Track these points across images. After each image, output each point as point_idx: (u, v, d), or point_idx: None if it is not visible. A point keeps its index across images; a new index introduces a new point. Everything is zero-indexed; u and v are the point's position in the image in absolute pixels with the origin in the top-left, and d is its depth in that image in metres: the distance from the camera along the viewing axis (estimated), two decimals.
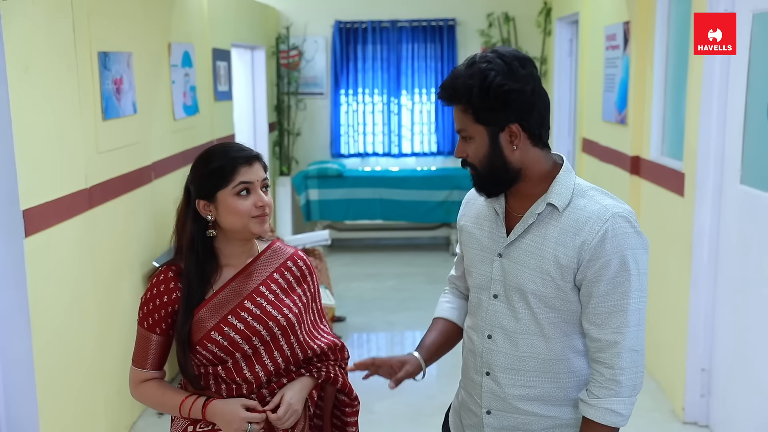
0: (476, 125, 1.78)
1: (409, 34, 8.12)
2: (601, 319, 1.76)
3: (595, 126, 5.66)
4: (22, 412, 2.91)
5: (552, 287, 1.79)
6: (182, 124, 4.89)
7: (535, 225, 1.81)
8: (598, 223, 1.74)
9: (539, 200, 1.81)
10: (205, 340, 1.90)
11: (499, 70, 1.74)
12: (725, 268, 3.70)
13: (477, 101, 1.74)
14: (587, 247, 1.74)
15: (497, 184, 1.84)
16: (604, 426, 1.78)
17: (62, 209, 3.13)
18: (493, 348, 1.87)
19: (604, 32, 5.37)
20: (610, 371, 1.76)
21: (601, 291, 1.75)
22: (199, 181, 1.94)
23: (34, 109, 2.92)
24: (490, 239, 1.89)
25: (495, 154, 1.79)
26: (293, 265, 2.05)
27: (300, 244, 5.41)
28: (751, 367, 3.45)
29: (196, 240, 1.93)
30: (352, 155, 8.36)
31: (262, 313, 1.94)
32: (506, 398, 1.86)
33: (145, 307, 1.96)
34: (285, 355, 1.97)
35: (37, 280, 2.91)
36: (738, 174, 3.55)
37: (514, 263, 1.83)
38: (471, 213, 1.98)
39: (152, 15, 4.39)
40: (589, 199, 1.79)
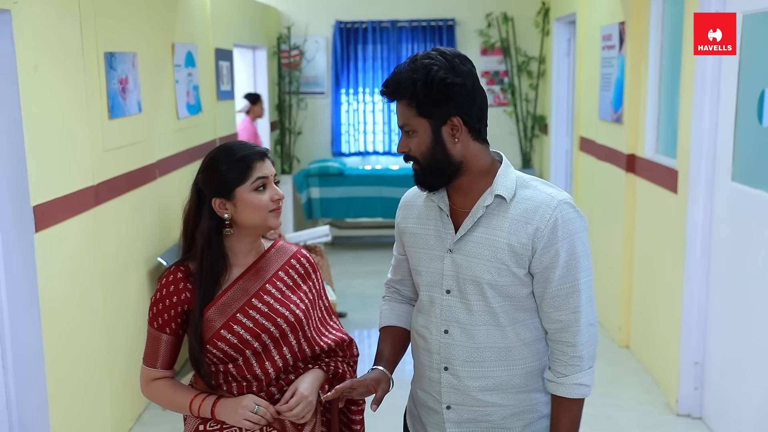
0: (419, 119, 1.83)
1: (408, 34, 8.20)
2: (559, 302, 1.85)
3: (591, 125, 5.74)
4: (33, 404, 2.99)
5: (507, 275, 1.84)
6: (185, 123, 4.98)
7: (483, 217, 1.86)
8: (547, 210, 1.82)
9: (485, 193, 1.87)
10: (215, 339, 1.93)
11: (441, 65, 1.80)
12: (718, 263, 3.79)
13: (421, 94, 1.79)
14: (540, 234, 1.81)
15: (439, 177, 1.87)
16: (575, 400, 1.89)
17: (70, 205, 3.22)
18: (450, 342, 1.91)
19: (600, 32, 5.46)
20: (572, 348, 1.86)
21: (557, 275, 1.83)
22: (215, 180, 1.96)
23: (43, 108, 3.00)
24: (437, 237, 1.92)
25: (437, 147, 1.84)
26: (297, 262, 2.09)
27: (301, 241, 5.49)
28: (743, 360, 3.53)
29: (214, 238, 1.97)
30: (352, 154, 8.44)
31: (270, 311, 1.97)
32: (466, 390, 1.91)
33: (155, 307, 1.99)
34: (293, 351, 2.00)
35: (46, 274, 2.99)
36: (729, 171, 3.63)
37: (466, 257, 1.87)
38: (412, 215, 2.00)
39: (156, 16, 4.47)
40: (534, 189, 1.87)
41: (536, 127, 8.05)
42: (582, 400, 1.91)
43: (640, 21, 4.65)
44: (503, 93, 8.16)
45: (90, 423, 3.44)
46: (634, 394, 4.32)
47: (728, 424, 3.69)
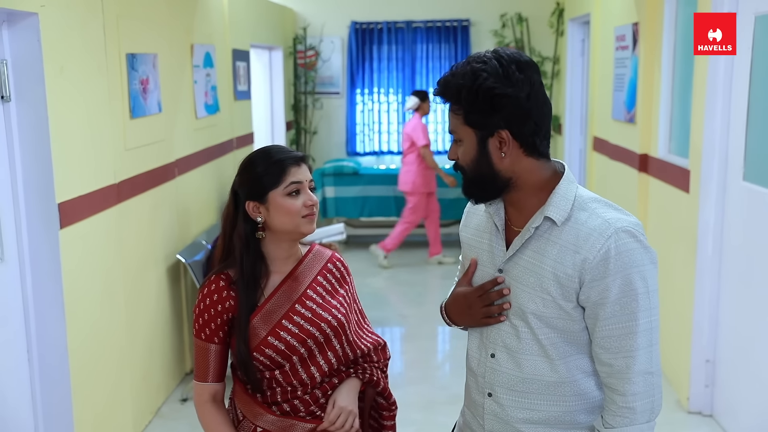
0: (465, 127, 1.70)
1: (423, 35, 8.26)
2: (610, 343, 1.65)
3: (605, 125, 5.78)
4: (57, 396, 3.08)
5: (553, 307, 1.68)
6: (204, 123, 5.07)
7: (533, 240, 1.71)
8: (600, 239, 1.62)
9: (537, 213, 1.71)
10: (262, 346, 1.92)
11: (492, 72, 1.64)
12: (729, 263, 3.82)
13: (466, 103, 1.66)
14: (588, 266, 1.62)
15: (485, 190, 1.74)
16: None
17: (93, 203, 3.30)
18: (496, 368, 1.78)
19: (614, 33, 5.49)
20: (623, 398, 1.65)
21: (608, 313, 1.63)
22: (250, 182, 1.96)
23: (68, 108, 3.09)
24: (489, 253, 1.80)
25: (483, 159, 1.70)
26: (333, 266, 2.08)
27: (316, 239, 5.56)
28: (753, 358, 3.56)
29: (251, 242, 1.97)
30: (367, 153, 8.51)
31: (314, 316, 1.97)
32: (510, 421, 1.77)
33: (201, 319, 1.97)
34: (338, 355, 2.00)
35: (70, 269, 3.08)
36: (741, 171, 3.67)
37: (513, 280, 1.74)
38: (471, 224, 1.89)
39: (176, 17, 4.56)
40: (591, 213, 1.67)
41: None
42: None
43: (654, 22, 4.68)
44: None
45: (111, 416, 3.52)
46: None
47: (739, 422, 3.73)
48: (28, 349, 3.01)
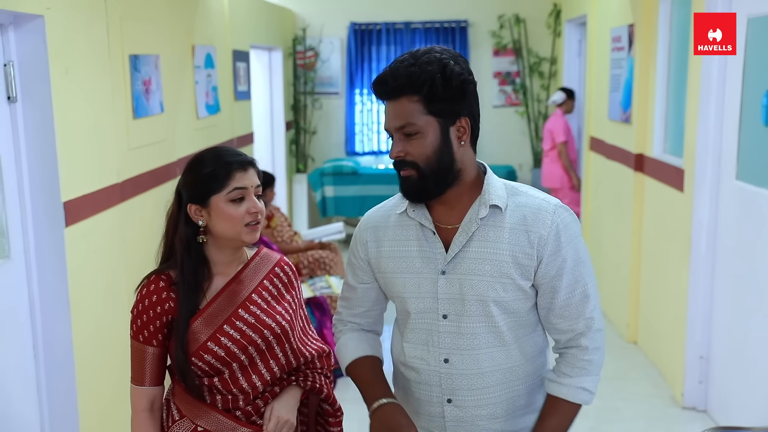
0: (428, 117, 1.66)
1: (422, 35, 8.32)
2: (569, 311, 1.73)
3: (601, 125, 5.85)
4: (62, 390, 3.13)
5: (512, 290, 1.72)
6: (205, 123, 5.12)
7: (477, 231, 1.72)
8: (548, 216, 1.71)
9: (475, 205, 1.73)
10: (201, 351, 1.85)
11: (454, 60, 1.67)
12: (722, 260, 3.89)
13: (440, 89, 1.64)
14: (544, 241, 1.70)
15: (440, 185, 1.71)
16: (575, 404, 1.76)
17: (97, 202, 3.36)
18: (453, 372, 1.75)
19: (610, 34, 5.56)
20: (583, 352, 1.75)
21: (565, 284, 1.72)
22: (192, 184, 1.90)
23: (73, 108, 3.14)
24: (423, 258, 1.76)
25: (445, 149, 1.69)
26: (281, 271, 2.00)
27: (316, 238, 5.63)
28: (746, 354, 3.63)
29: (191, 245, 1.89)
30: (366, 153, 8.57)
31: (257, 321, 1.90)
32: (473, 420, 1.78)
33: (139, 320, 1.91)
34: (280, 363, 1.93)
35: (75, 267, 3.13)
36: (734, 170, 3.73)
37: (464, 275, 1.72)
38: (385, 237, 1.82)
39: (177, 19, 4.62)
40: (526, 195, 1.76)
41: None
42: (578, 408, 1.78)
43: (649, 23, 4.75)
44: (515, 93, 8.26)
45: (115, 411, 3.58)
46: (641, 387, 4.43)
47: (732, 417, 3.79)
48: (34, 344, 3.07)
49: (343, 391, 2.18)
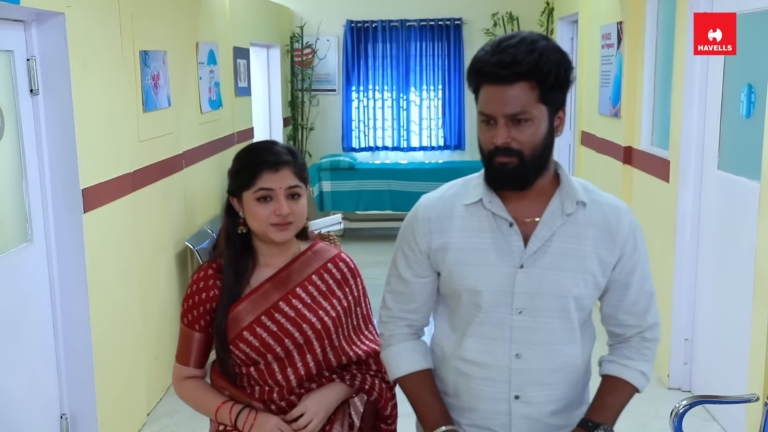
0: (539, 105, 1.62)
1: (417, 33, 8.50)
2: (639, 308, 1.76)
3: (592, 119, 6.04)
4: (80, 368, 3.31)
5: (592, 286, 1.72)
6: (208, 117, 5.29)
7: (561, 226, 1.69)
8: (624, 216, 1.72)
9: (555, 200, 1.70)
10: (237, 340, 1.87)
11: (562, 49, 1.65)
12: (706, 246, 4.08)
13: (560, 78, 1.61)
14: (625, 239, 1.71)
15: (536, 174, 1.68)
16: (632, 386, 1.77)
17: (112, 190, 3.53)
18: (525, 367, 1.72)
19: (600, 31, 5.75)
20: (646, 343, 1.78)
21: (636, 281, 1.74)
22: (230, 177, 1.94)
23: (90, 101, 3.31)
24: (498, 251, 1.70)
25: (549, 139, 1.66)
26: (334, 267, 1.98)
27: (315, 229, 5.79)
28: (728, 336, 3.80)
29: (231, 234, 1.93)
30: (363, 149, 8.75)
31: (297, 316, 1.90)
32: (540, 418, 1.75)
33: (186, 304, 1.95)
34: (317, 360, 1.92)
35: (93, 251, 3.31)
36: (716, 160, 3.92)
37: (545, 270, 1.69)
38: (453, 227, 1.75)
39: (183, 16, 4.79)
40: (599, 194, 1.76)
41: None
42: (634, 392, 1.78)
43: (637, 21, 4.93)
44: None
45: (130, 390, 3.75)
46: None
47: None
48: (54, 324, 3.24)
49: None
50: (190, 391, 1.98)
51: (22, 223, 3.07)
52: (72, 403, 3.32)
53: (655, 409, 4.12)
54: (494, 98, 1.61)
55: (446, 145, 8.66)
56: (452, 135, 8.61)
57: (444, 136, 8.66)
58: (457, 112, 8.56)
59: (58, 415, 3.30)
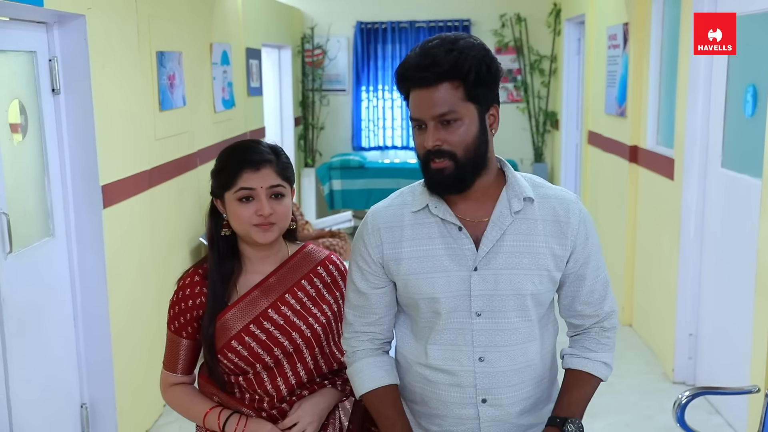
0: (467, 104, 1.61)
1: (426, 34, 8.58)
2: (593, 296, 1.76)
3: (598, 119, 6.11)
4: (99, 358, 3.41)
5: (547, 281, 1.71)
6: (221, 117, 5.40)
7: (510, 225, 1.68)
8: (574, 207, 1.72)
9: (503, 198, 1.69)
10: (225, 349, 1.81)
11: (487, 47, 1.65)
12: (709, 243, 4.15)
13: (483, 75, 1.60)
14: (575, 231, 1.71)
15: (474, 176, 1.66)
16: (596, 378, 1.78)
17: (130, 187, 3.64)
18: (489, 370, 1.70)
19: (606, 32, 5.82)
20: (605, 332, 1.79)
21: (591, 271, 1.74)
22: (212, 177, 1.88)
23: (110, 100, 3.42)
24: (450, 256, 1.68)
25: (482, 137, 1.64)
26: (324, 270, 1.91)
27: (326, 226, 5.90)
28: (732, 331, 3.88)
29: (215, 237, 1.86)
30: (372, 148, 8.85)
31: (286, 324, 1.83)
32: (509, 419, 1.74)
33: (172, 311, 1.89)
34: (308, 368, 1.86)
35: (111, 245, 3.41)
36: (719, 158, 4.00)
37: (500, 270, 1.67)
38: (403, 237, 1.71)
39: (198, 18, 4.90)
40: (546, 188, 1.75)
41: (548, 123, 8.42)
42: (599, 383, 1.79)
43: (642, 22, 5.01)
44: (516, 90, 8.53)
45: (147, 380, 3.85)
46: (634, 365, 4.69)
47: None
48: (74, 315, 3.35)
49: None
50: (177, 398, 1.93)
51: (44, 218, 3.18)
52: (92, 393, 3.42)
53: (660, 402, 4.20)
54: (421, 102, 1.61)
55: None
56: None
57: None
58: None
59: (78, 405, 3.40)
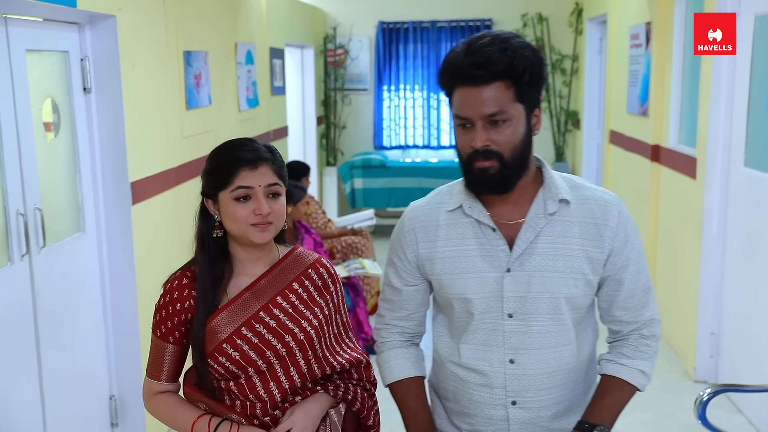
0: (516, 105, 1.59)
1: (447, 34, 8.62)
2: (632, 302, 1.72)
3: (620, 118, 6.12)
4: (127, 350, 3.49)
5: (583, 285, 1.68)
6: (245, 115, 5.47)
7: (546, 226, 1.67)
8: (613, 209, 1.68)
9: (539, 199, 1.68)
10: (216, 353, 1.75)
11: (535, 46, 1.64)
12: (732, 242, 4.16)
13: (535, 76, 1.59)
14: (613, 233, 1.66)
15: (517, 176, 1.64)
16: (631, 386, 1.73)
17: (158, 184, 3.71)
18: (519, 372, 1.69)
19: (628, 32, 5.83)
20: (644, 340, 1.74)
21: (630, 276, 1.70)
22: (204, 177, 1.82)
23: (139, 99, 3.49)
24: (484, 257, 1.68)
25: (528, 139, 1.63)
26: (315, 273, 1.86)
27: (348, 224, 5.95)
28: (754, 330, 3.88)
29: (206, 239, 1.81)
30: (393, 147, 8.89)
31: (279, 326, 1.78)
32: (539, 422, 1.73)
33: (158, 315, 1.83)
34: (301, 372, 1.81)
35: (140, 241, 3.48)
36: (742, 158, 4.00)
37: (533, 272, 1.66)
38: (437, 237, 1.72)
39: (223, 18, 4.97)
40: (586, 189, 1.71)
41: (569, 122, 8.42)
42: (634, 391, 1.75)
43: (665, 21, 5.01)
44: None
45: None
46: (656, 364, 4.67)
47: None
48: (104, 308, 3.42)
49: None
50: (163, 407, 1.84)
51: (75, 213, 3.26)
52: (120, 385, 3.50)
53: (681, 401, 4.22)
54: (470, 100, 1.58)
55: None
56: None
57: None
58: None
59: (107, 397, 3.48)
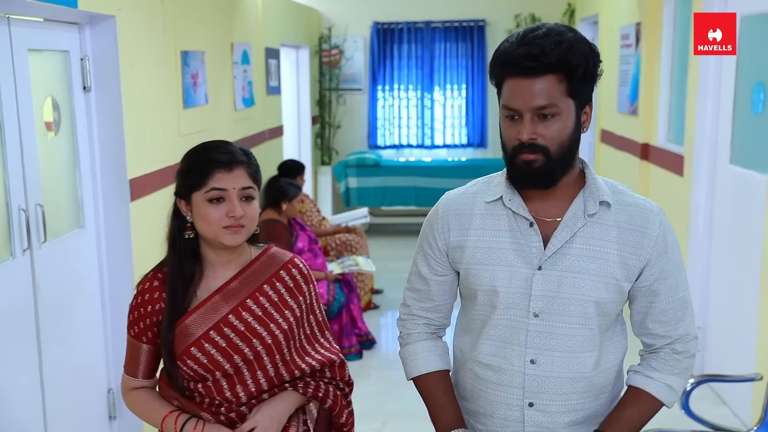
0: (567, 99, 1.54)
1: (441, 34, 8.71)
2: (669, 316, 1.65)
3: (611, 117, 6.21)
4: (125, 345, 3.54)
5: (614, 291, 1.62)
6: (241, 115, 5.54)
7: (583, 227, 1.61)
8: (655, 217, 1.63)
9: (578, 200, 1.63)
10: (184, 356, 1.75)
11: (590, 41, 1.56)
12: (718, 237, 4.24)
13: (589, 71, 1.54)
14: (653, 242, 1.61)
15: (562, 172, 1.59)
16: (657, 401, 1.67)
17: (156, 181, 3.78)
18: (540, 374, 1.63)
19: (619, 32, 5.92)
20: (675, 355, 1.68)
21: (667, 288, 1.64)
22: (178, 177, 1.81)
23: (138, 98, 3.56)
24: (517, 251, 1.63)
25: (576, 135, 1.58)
26: (286, 274, 1.85)
27: (342, 222, 6.04)
28: (739, 325, 3.97)
29: (177, 240, 1.80)
30: (388, 146, 8.98)
31: (247, 330, 1.77)
32: (555, 427, 1.67)
33: (131, 315, 1.85)
34: (268, 376, 1.80)
35: (138, 237, 3.55)
36: (728, 155, 4.09)
37: (567, 273, 1.61)
38: (471, 225, 1.69)
39: (220, 18, 5.04)
40: (627, 195, 1.66)
41: None
42: (659, 407, 1.68)
43: (654, 22, 5.10)
44: None
45: None
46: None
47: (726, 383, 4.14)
48: (102, 304, 3.49)
49: None
50: (137, 402, 1.88)
51: (75, 210, 3.32)
52: (118, 378, 3.55)
53: None
54: (520, 91, 1.54)
55: (469, 143, 8.86)
56: (475, 133, 8.81)
57: (467, 134, 8.86)
58: (480, 110, 8.76)
59: (105, 390, 3.54)
